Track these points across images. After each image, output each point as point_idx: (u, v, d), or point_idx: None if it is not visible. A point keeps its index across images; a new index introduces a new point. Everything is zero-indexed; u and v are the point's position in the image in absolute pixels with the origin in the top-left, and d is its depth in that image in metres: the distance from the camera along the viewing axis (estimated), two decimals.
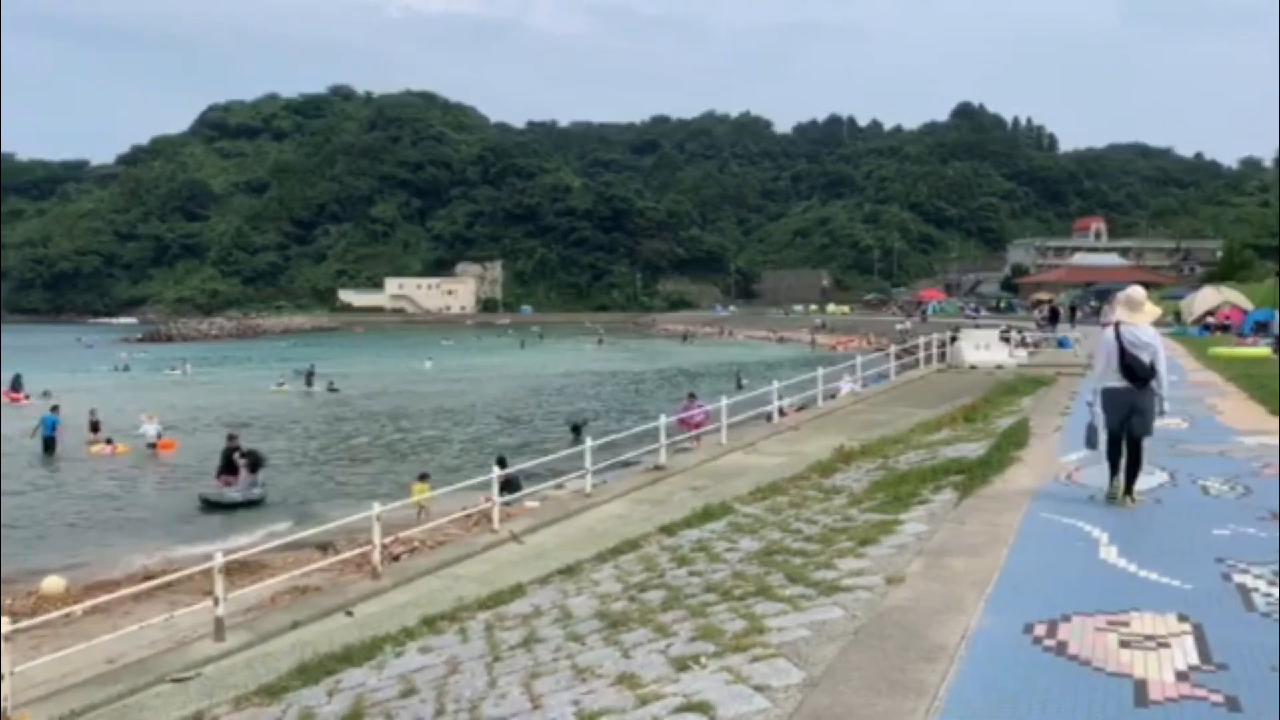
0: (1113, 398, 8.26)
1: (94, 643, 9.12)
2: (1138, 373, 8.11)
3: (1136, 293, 8.53)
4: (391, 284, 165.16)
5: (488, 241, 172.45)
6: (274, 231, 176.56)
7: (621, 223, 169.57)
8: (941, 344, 30.25)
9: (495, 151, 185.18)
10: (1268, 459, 10.30)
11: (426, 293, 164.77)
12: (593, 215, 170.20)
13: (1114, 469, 8.46)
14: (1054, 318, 47.93)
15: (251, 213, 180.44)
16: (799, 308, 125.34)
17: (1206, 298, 48.29)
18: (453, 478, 19.03)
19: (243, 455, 22.14)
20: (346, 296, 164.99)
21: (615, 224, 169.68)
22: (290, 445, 29.84)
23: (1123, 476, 8.40)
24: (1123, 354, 8.11)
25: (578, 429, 28.54)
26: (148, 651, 9.37)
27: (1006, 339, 31.70)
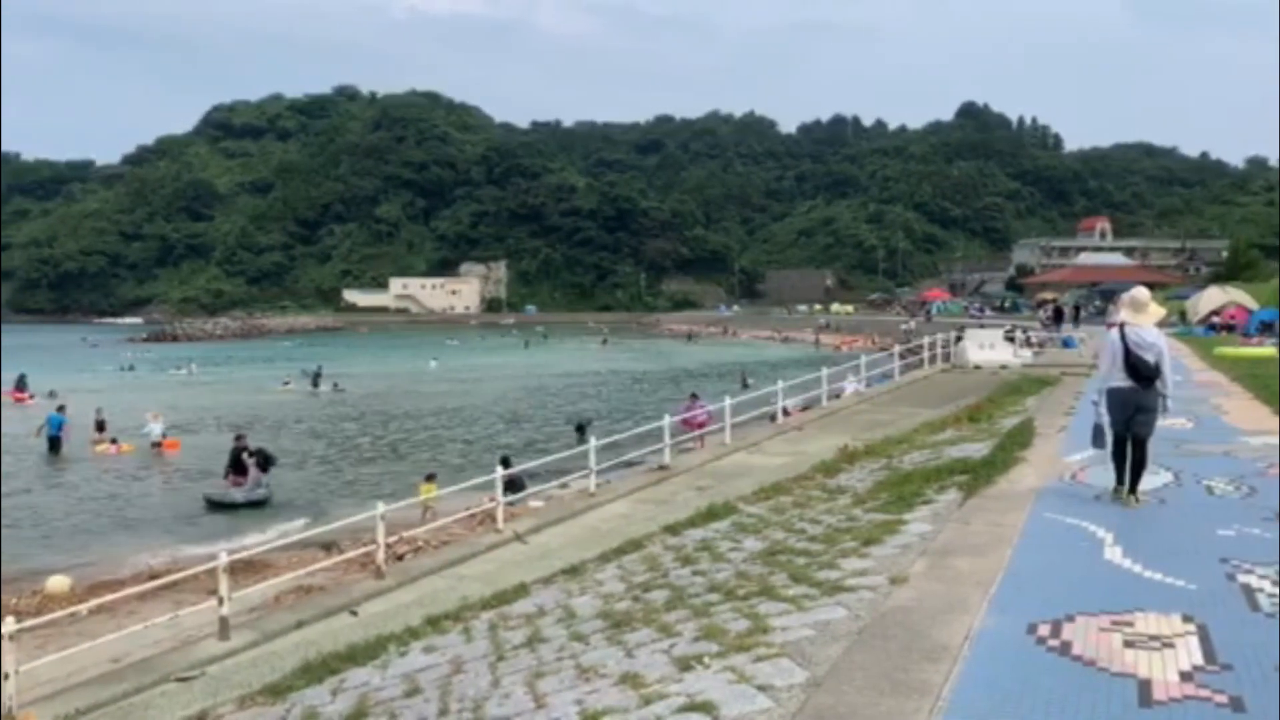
0: (1117, 397, 8.37)
1: (99, 642, 9.14)
2: (1142, 373, 8.21)
3: (1141, 294, 8.65)
4: (396, 284, 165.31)
5: (492, 241, 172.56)
6: (279, 231, 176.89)
7: (626, 222, 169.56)
8: (946, 344, 30.21)
9: (500, 151, 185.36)
10: (1272, 459, 10.28)
11: (431, 293, 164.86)
12: (597, 215, 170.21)
13: (1120, 474, 8.53)
14: (1058, 317, 47.82)
15: (256, 213, 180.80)
16: (803, 308, 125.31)
17: (1212, 297, 48.20)
18: (457, 477, 19.01)
19: (251, 454, 22.14)
20: (351, 296, 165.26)
21: (619, 224, 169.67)
22: (295, 445, 29.87)
23: (1127, 477, 8.45)
24: (1127, 354, 8.22)
25: (582, 429, 28.49)
26: (152, 651, 9.38)
27: (1011, 339, 31.65)
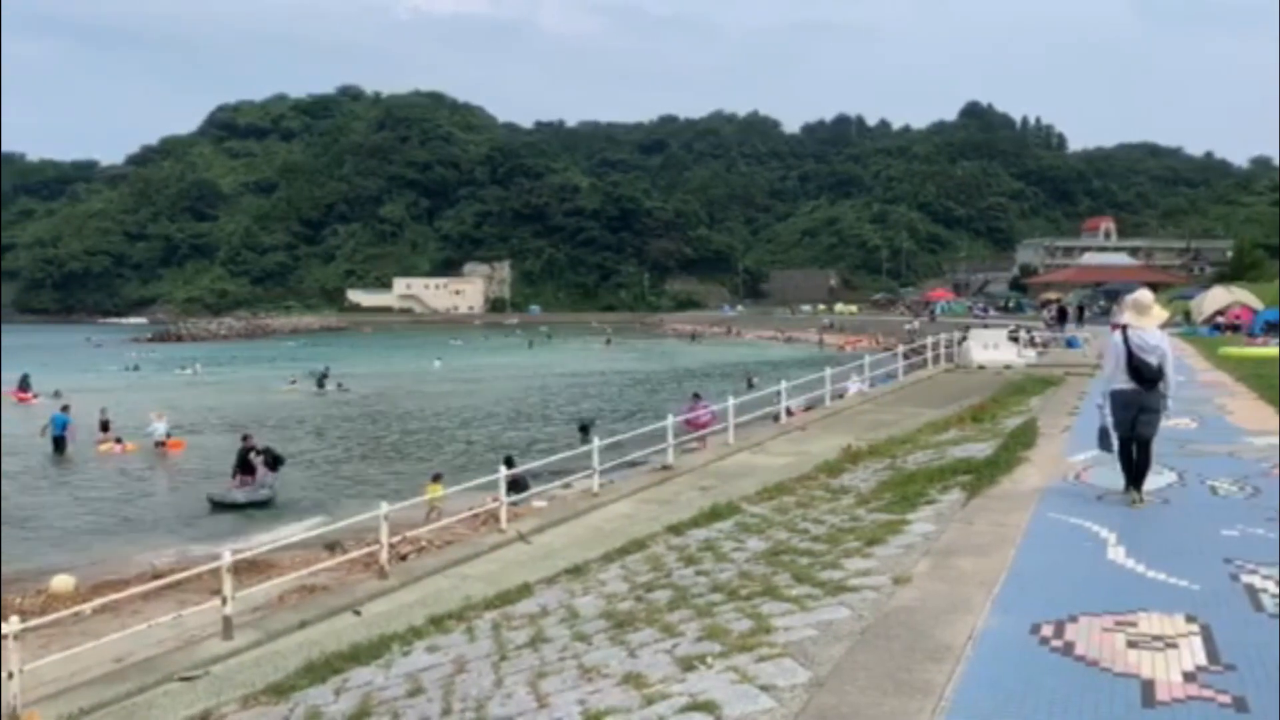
0: (1120, 399, 8.39)
1: (103, 641, 9.16)
2: (1145, 375, 8.25)
3: (1144, 296, 8.70)
4: (400, 284, 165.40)
5: (496, 241, 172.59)
6: (283, 231, 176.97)
7: (629, 222, 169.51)
8: (950, 344, 30.16)
9: (503, 151, 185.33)
10: (1276, 460, 10.25)
11: (435, 293, 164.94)
12: (600, 215, 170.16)
13: (1129, 476, 8.55)
14: (1062, 318, 47.74)
15: (260, 213, 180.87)
16: (807, 308, 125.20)
17: (1216, 297, 48.10)
18: (461, 477, 19.00)
19: (259, 454, 22.17)
20: (355, 296, 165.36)
21: (623, 224, 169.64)
22: (300, 445, 29.89)
23: (1132, 491, 8.49)
24: (1130, 357, 8.26)
25: (586, 428, 28.52)
26: (156, 650, 9.39)
27: (1015, 339, 31.60)
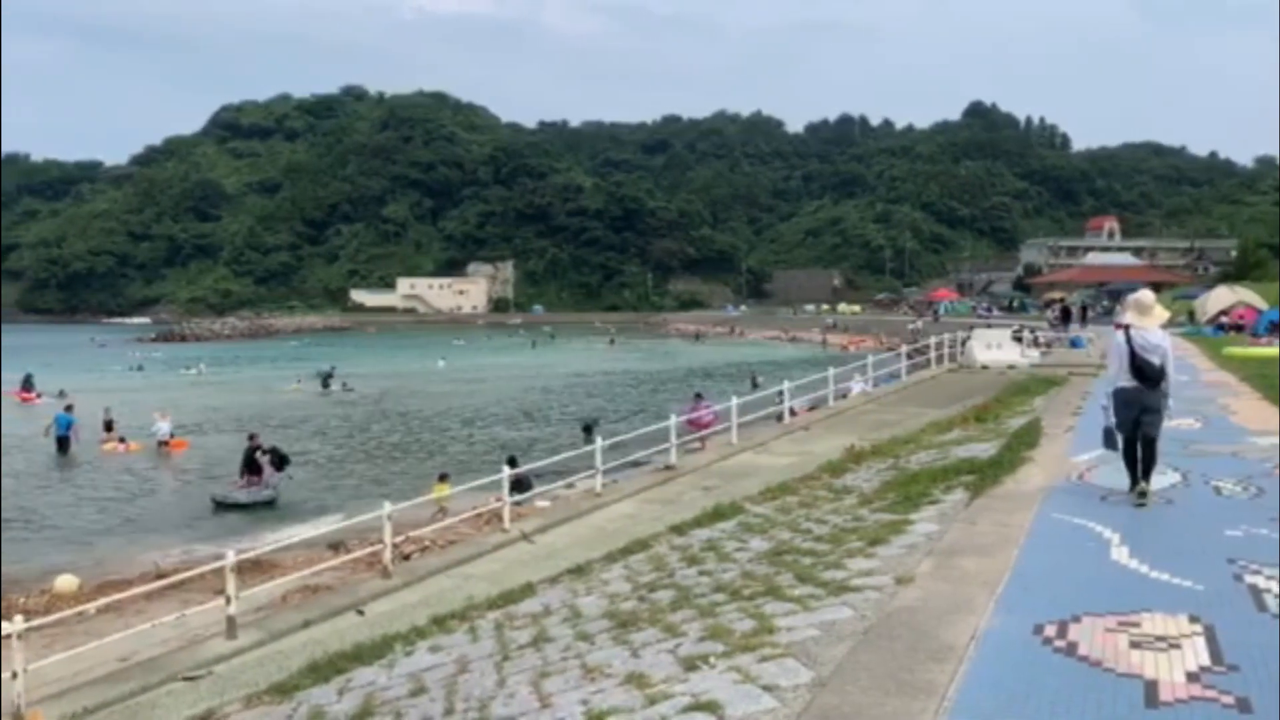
0: (1123, 398, 8.48)
1: (106, 641, 9.17)
2: (1148, 374, 8.33)
3: (1145, 296, 8.80)
4: (403, 284, 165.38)
5: (499, 241, 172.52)
6: (286, 231, 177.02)
7: (633, 222, 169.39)
8: (953, 344, 30.11)
9: (507, 151, 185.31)
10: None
11: (438, 293, 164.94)
12: (604, 215, 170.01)
13: (1134, 476, 8.59)
14: (1066, 317, 47.68)
15: (264, 213, 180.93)
16: (810, 307, 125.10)
17: (1220, 297, 48.01)
18: (465, 477, 19.05)
19: (265, 453, 22.21)
20: (359, 296, 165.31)
21: (626, 224, 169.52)
22: (304, 444, 29.91)
23: (1140, 482, 8.52)
24: (1133, 356, 8.35)
25: (589, 428, 28.53)
26: (160, 650, 9.40)
27: (1019, 339, 31.55)
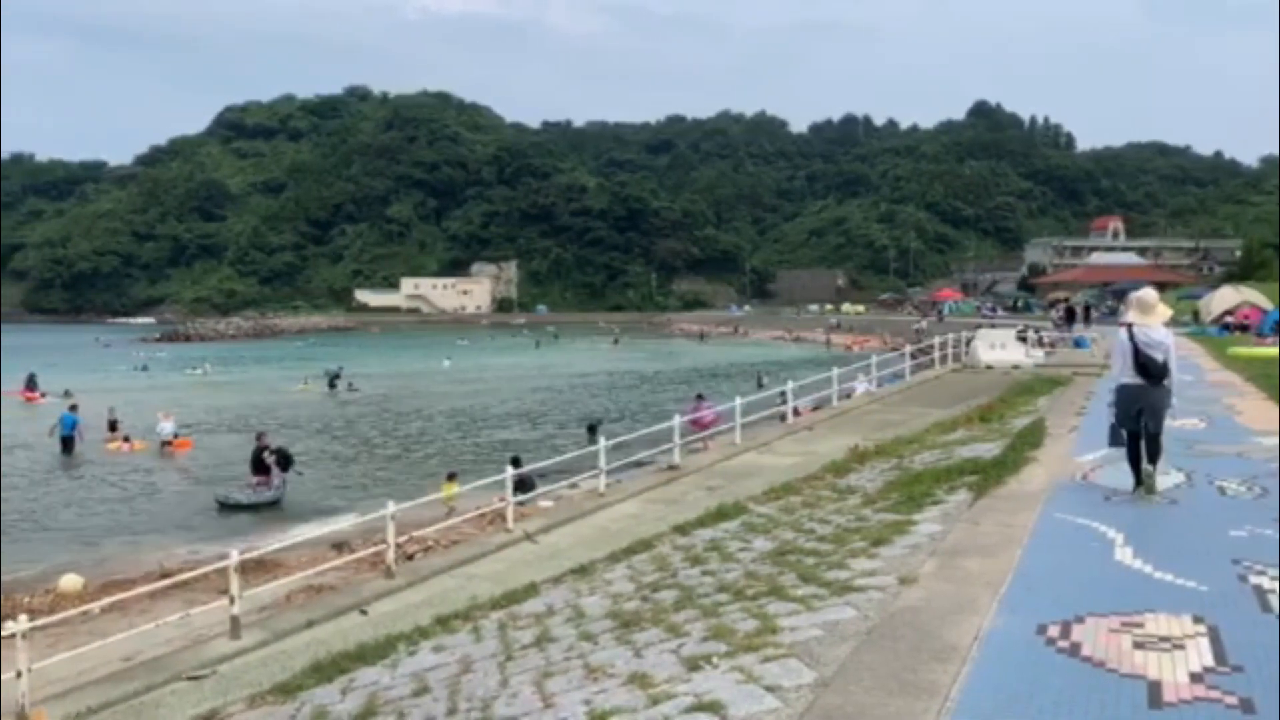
0: (1127, 395, 8.67)
1: (110, 640, 9.18)
2: (1151, 370, 8.52)
3: (1148, 295, 8.94)
4: (407, 284, 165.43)
5: (503, 241, 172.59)
6: (290, 232, 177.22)
7: (636, 222, 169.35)
8: (957, 344, 30.06)
9: (510, 151, 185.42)
10: None
11: (442, 293, 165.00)
12: (608, 215, 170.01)
13: (1138, 475, 8.72)
14: (1070, 317, 47.65)
15: (268, 213, 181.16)
16: (814, 307, 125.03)
17: (1225, 297, 47.94)
18: (469, 476, 19.08)
19: (272, 454, 22.25)
20: (363, 296, 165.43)
21: (630, 224, 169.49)
22: (309, 444, 29.95)
23: (1145, 464, 8.69)
24: (1136, 353, 8.52)
25: (593, 428, 28.54)
26: (164, 649, 9.40)
27: (1023, 339, 31.50)
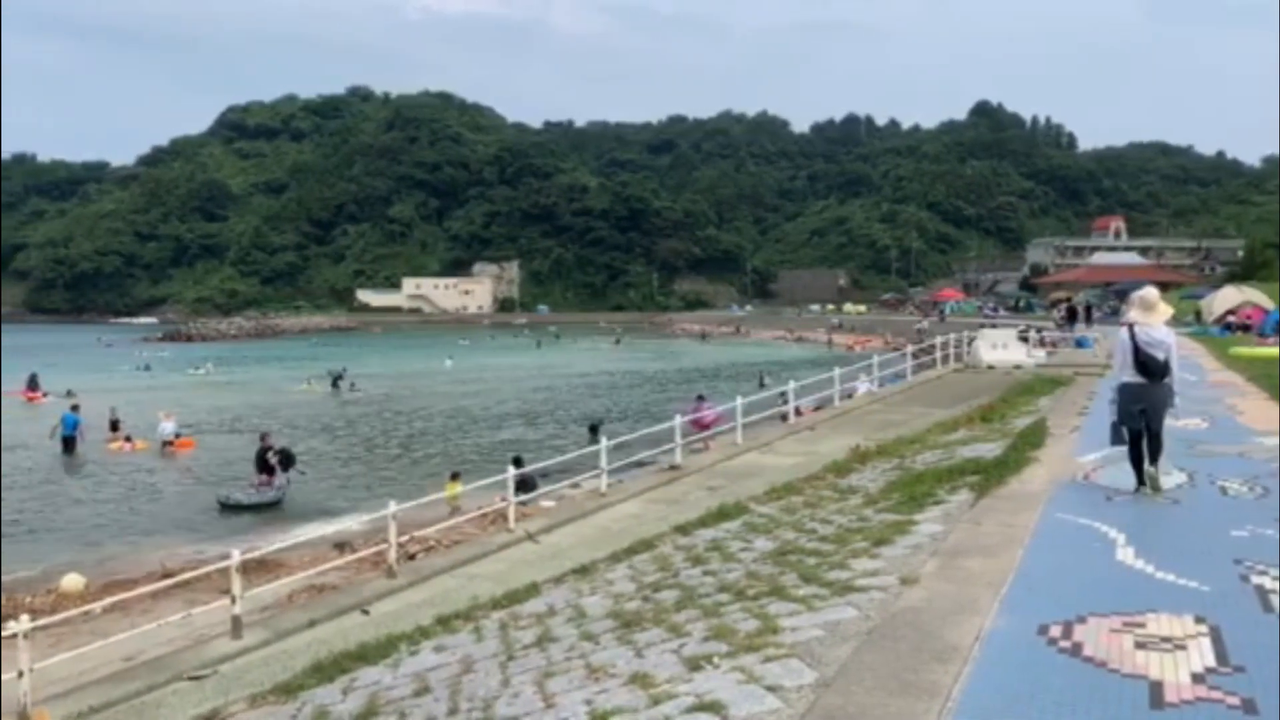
0: (1128, 393, 8.74)
1: (112, 640, 9.18)
2: (1152, 369, 8.61)
3: (1150, 294, 9.02)
4: (409, 284, 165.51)
5: (504, 241, 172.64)
6: (292, 232, 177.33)
7: (638, 222, 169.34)
8: (959, 344, 30.04)
9: (512, 151, 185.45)
10: None
11: (443, 293, 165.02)
12: (609, 215, 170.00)
13: (1140, 475, 8.79)
14: (1072, 317, 47.59)
15: (270, 213, 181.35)
16: (815, 307, 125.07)
17: (1227, 297, 47.90)
18: (471, 476, 19.07)
19: (276, 454, 22.27)
20: (364, 296, 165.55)
21: (632, 224, 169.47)
22: (311, 444, 29.95)
23: (1146, 463, 8.76)
24: (1137, 351, 8.60)
25: (595, 428, 28.53)
26: (165, 649, 9.41)
27: (1025, 339, 31.48)
